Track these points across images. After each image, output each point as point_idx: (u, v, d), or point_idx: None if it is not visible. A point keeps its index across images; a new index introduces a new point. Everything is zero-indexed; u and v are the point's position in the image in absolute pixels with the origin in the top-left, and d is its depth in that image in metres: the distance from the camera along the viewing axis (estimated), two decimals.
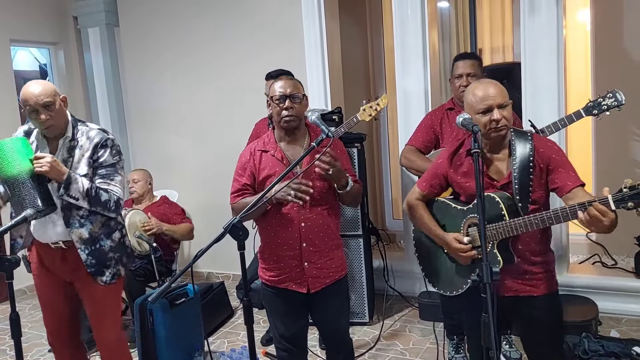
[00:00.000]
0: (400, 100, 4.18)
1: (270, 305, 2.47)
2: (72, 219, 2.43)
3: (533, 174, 2.06)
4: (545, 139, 2.15)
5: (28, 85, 2.37)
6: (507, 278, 2.13)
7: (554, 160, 2.06)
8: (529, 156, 2.06)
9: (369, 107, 3.27)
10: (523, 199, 2.05)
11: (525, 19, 3.68)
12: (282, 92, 2.27)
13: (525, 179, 2.05)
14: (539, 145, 2.09)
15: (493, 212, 2.04)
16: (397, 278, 4.34)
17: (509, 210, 2.03)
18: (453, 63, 3.14)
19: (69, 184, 2.34)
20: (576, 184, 2.01)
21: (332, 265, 2.39)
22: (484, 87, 2.07)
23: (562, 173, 2.04)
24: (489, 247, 2.07)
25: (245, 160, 2.38)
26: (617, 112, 2.75)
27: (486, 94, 2.05)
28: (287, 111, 2.27)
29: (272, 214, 2.31)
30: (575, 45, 4.62)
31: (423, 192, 2.33)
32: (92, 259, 2.47)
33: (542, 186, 2.08)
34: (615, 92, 2.69)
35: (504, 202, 2.04)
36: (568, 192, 2.01)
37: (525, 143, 2.08)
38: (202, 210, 4.94)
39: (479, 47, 4.99)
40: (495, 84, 2.09)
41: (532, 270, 2.14)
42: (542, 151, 2.07)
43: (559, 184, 2.04)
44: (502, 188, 2.11)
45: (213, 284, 4.19)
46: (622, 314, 3.68)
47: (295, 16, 4.42)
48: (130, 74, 5.39)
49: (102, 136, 2.48)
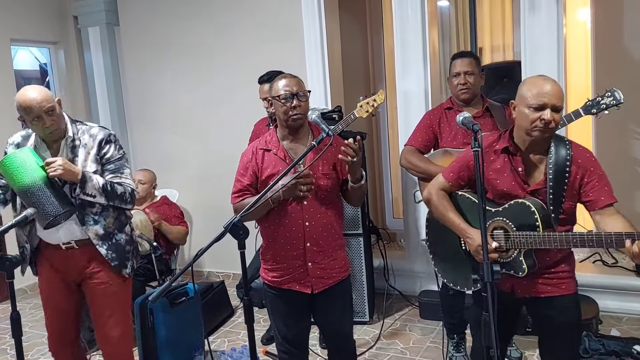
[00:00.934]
0: (400, 99, 4.18)
1: (272, 306, 2.45)
2: (87, 217, 2.44)
3: (567, 184, 2.00)
4: (584, 149, 2.07)
5: (25, 93, 2.34)
6: (528, 278, 2.09)
7: (591, 172, 2.00)
8: (565, 165, 1.99)
9: (366, 104, 3.26)
10: (556, 209, 2.00)
11: (525, 18, 3.68)
12: (289, 90, 2.24)
13: (559, 188, 1.99)
14: (577, 155, 2.02)
15: (525, 220, 1.99)
16: (397, 277, 4.34)
17: (543, 220, 1.97)
18: (451, 62, 3.14)
19: (85, 183, 2.37)
20: (610, 201, 1.96)
21: (336, 265, 2.37)
22: (542, 83, 1.97)
23: (597, 187, 1.98)
24: (515, 254, 2.04)
25: (247, 160, 2.36)
26: (617, 111, 2.75)
27: (544, 90, 1.94)
28: (296, 109, 2.25)
29: (275, 214, 2.29)
30: (575, 44, 4.61)
31: (449, 182, 2.24)
32: (113, 253, 2.50)
33: (574, 197, 2.03)
34: (614, 91, 2.68)
35: (539, 212, 1.97)
36: (601, 208, 1.96)
37: (563, 150, 2.01)
38: (202, 210, 4.95)
39: (479, 46, 4.99)
40: (555, 82, 1.99)
41: (552, 271, 2.10)
42: (580, 161, 2.00)
43: (593, 197, 1.98)
44: (532, 194, 2.06)
45: (213, 283, 4.19)
46: (623, 313, 3.69)
47: (295, 15, 4.42)
48: (131, 73, 5.39)
49: (105, 132, 2.52)
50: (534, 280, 2.10)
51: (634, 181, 4.20)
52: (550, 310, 2.12)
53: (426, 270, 4.15)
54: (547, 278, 2.10)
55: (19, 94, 2.36)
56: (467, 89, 3.02)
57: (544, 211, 2.00)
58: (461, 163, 2.25)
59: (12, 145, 2.53)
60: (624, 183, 4.21)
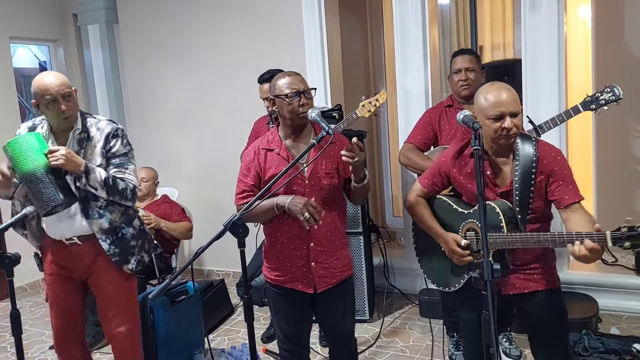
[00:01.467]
0: (400, 98, 4.17)
1: (275, 304, 2.45)
2: (91, 211, 2.44)
3: (534, 185, 2.05)
4: (551, 148, 2.11)
5: (45, 76, 2.37)
6: (509, 275, 2.15)
7: (556, 172, 2.05)
8: (532, 165, 2.04)
9: (368, 103, 3.26)
10: (522, 210, 2.06)
11: (526, 16, 3.68)
12: (296, 88, 2.22)
13: (525, 189, 2.05)
14: (543, 154, 2.06)
15: (492, 221, 2.04)
16: (397, 275, 4.34)
17: (508, 221, 2.03)
18: (451, 59, 3.14)
19: (88, 174, 2.36)
20: (574, 200, 2.01)
21: (339, 264, 2.37)
22: (497, 92, 2.02)
23: (562, 186, 2.03)
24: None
25: (250, 160, 2.34)
26: (617, 108, 2.75)
27: (499, 100, 2.00)
28: (304, 107, 2.23)
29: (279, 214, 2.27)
30: (576, 42, 4.61)
31: (424, 188, 2.33)
32: (115, 248, 2.49)
33: (542, 196, 2.08)
34: (613, 86, 2.69)
35: (504, 213, 2.04)
36: (566, 206, 2.02)
37: (529, 150, 2.06)
38: (201, 208, 4.94)
39: (480, 44, 4.99)
40: (508, 89, 2.04)
41: (532, 266, 2.15)
42: (546, 162, 2.05)
43: (558, 196, 2.04)
44: (502, 195, 2.11)
45: (213, 282, 4.19)
46: (623, 311, 3.68)
47: (296, 13, 4.41)
48: (130, 71, 5.38)
49: (112, 126, 2.51)
50: (515, 276, 2.15)
51: (634, 179, 4.19)
52: (534, 305, 2.16)
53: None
54: (528, 274, 2.15)
55: (37, 77, 2.39)
56: (467, 85, 3.03)
57: (510, 212, 2.06)
58: (435, 169, 2.33)
59: None
60: (624, 181, 4.21)
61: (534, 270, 2.15)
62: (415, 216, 2.37)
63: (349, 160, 2.12)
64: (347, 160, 2.12)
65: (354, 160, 2.12)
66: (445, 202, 2.29)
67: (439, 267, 2.33)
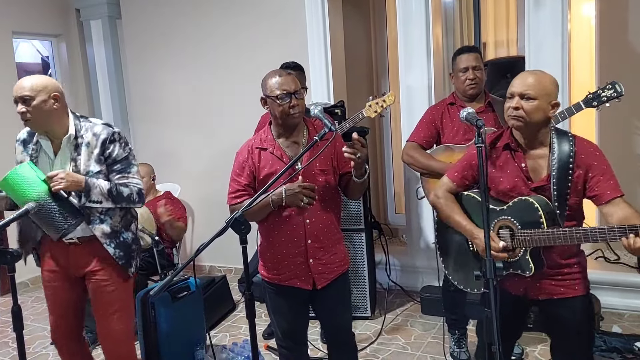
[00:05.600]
0: (403, 94, 4.16)
1: (273, 303, 2.45)
2: (93, 217, 2.43)
3: (571, 180, 1.98)
4: (588, 143, 2.06)
5: (22, 79, 2.37)
6: (540, 280, 2.08)
7: (594, 167, 1.98)
8: (569, 160, 1.98)
9: (375, 104, 3.26)
10: (561, 205, 1.99)
11: (529, 13, 3.66)
12: (287, 89, 2.21)
13: (563, 185, 1.98)
14: (580, 149, 2.00)
15: (530, 217, 1.98)
16: (399, 272, 4.34)
17: (548, 217, 1.96)
18: (454, 57, 3.11)
19: (89, 191, 2.35)
20: (616, 194, 1.95)
21: (336, 259, 2.37)
22: (519, 76, 2.04)
23: (602, 181, 1.96)
24: (521, 253, 2.02)
25: (243, 159, 2.32)
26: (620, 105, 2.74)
27: (515, 82, 2.03)
28: (294, 109, 2.22)
29: (275, 212, 2.27)
30: (580, 39, 4.59)
31: (454, 182, 2.23)
32: (120, 252, 2.49)
33: (578, 192, 2.01)
34: (614, 83, 2.68)
35: (543, 209, 1.96)
36: (607, 202, 1.95)
37: (565, 145, 2.00)
38: (203, 204, 4.94)
39: (483, 41, 4.96)
40: (531, 74, 2.03)
41: (564, 271, 2.08)
42: (583, 157, 1.99)
43: (598, 192, 1.97)
44: (536, 190, 2.04)
45: (215, 278, 4.19)
46: (625, 310, 3.68)
47: (298, 9, 4.40)
48: (133, 67, 5.38)
49: (108, 131, 2.46)
50: (546, 281, 2.09)
51: (637, 177, 4.18)
52: (564, 311, 2.09)
53: (428, 266, 4.14)
54: (560, 280, 2.08)
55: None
56: (475, 84, 3.00)
57: (549, 208, 1.98)
58: (464, 162, 2.24)
59: (18, 142, 2.50)
60: (627, 179, 4.16)
61: (566, 276, 2.08)
62: (443, 212, 2.24)
63: (351, 156, 2.11)
64: (350, 156, 2.11)
65: (357, 157, 2.11)
66: (474, 199, 2.18)
67: (465, 268, 2.24)
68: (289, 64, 3.48)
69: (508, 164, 2.08)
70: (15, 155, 2.51)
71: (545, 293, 2.10)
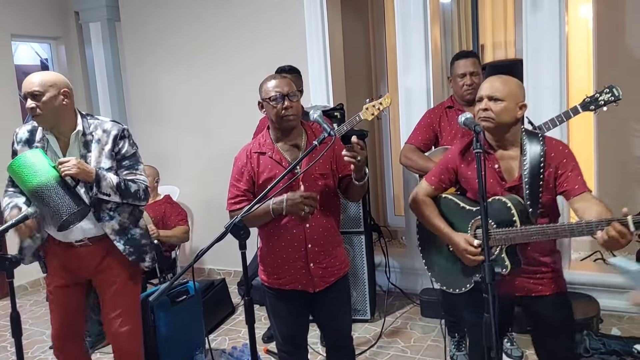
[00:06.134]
0: (402, 97, 4.17)
1: (273, 307, 2.44)
2: (103, 214, 2.45)
3: (543, 179, 2.05)
4: (557, 142, 2.14)
5: (32, 74, 2.38)
6: (518, 277, 2.14)
7: (564, 164, 2.06)
8: (540, 159, 2.05)
9: (372, 107, 3.27)
10: (533, 203, 2.05)
11: (527, 16, 3.67)
12: (280, 91, 2.21)
13: (535, 183, 2.05)
14: (550, 148, 2.08)
15: (504, 216, 2.03)
16: (398, 275, 4.34)
17: (521, 215, 2.02)
18: (452, 62, 3.12)
19: (99, 182, 2.35)
20: (584, 189, 2.02)
21: (336, 263, 2.38)
22: (489, 79, 2.14)
23: (571, 177, 2.04)
24: (497, 251, 2.07)
25: (242, 164, 2.32)
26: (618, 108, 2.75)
27: (483, 86, 2.13)
28: (288, 110, 2.22)
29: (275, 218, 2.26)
30: (577, 42, 4.60)
31: (431, 185, 2.30)
32: (130, 248, 2.51)
33: (550, 190, 2.08)
34: (612, 87, 2.69)
35: (516, 207, 2.02)
36: (576, 196, 2.01)
37: (536, 145, 2.08)
38: (203, 207, 4.94)
39: (481, 42, 4.97)
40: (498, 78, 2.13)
41: (541, 270, 2.14)
42: (553, 155, 2.07)
43: (567, 187, 2.04)
44: (510, 190, 2.11)
45: (214, 281, 4.19)
46: (624, 312, 3.68)
47: (298, 12, 4.40)
48: (132, 69, 5.38)
49: (119, 127, 2.50)
50: (524, 279, 2.15)
51: (635, 180, 4.18)
52: (543, 308, 2.16)
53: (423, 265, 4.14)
54: (538, 278, 2.15)
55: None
56: (473, 90, 3.01)
57: (521, 206, 2.05)
58: (441, 166, 2.31)
59: (20, 144, 2.48)
60: (626, 181, 4.20)
61: (543, 274, 2.14)
62: (421, 216, 2.33)
63: (351, 159, 2.12)
64: (350, 160, 2.12)
65: (357, 160, 2.12)
66: (452, 201, 2.26)
67: (446, 268, 2.30)
68: (284, 67, 3.48)
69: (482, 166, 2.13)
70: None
71: (523, 290, 2.17)
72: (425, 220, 2.31)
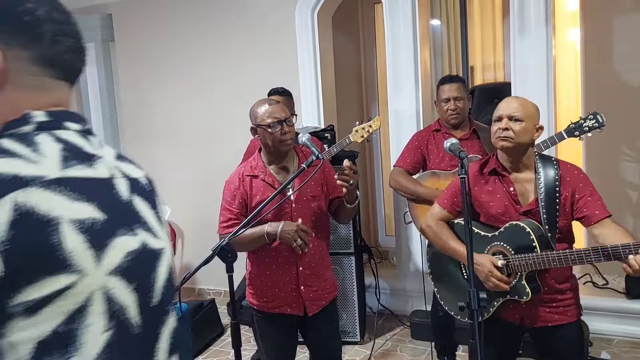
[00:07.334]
0: (392, 118, 4.20)
1: (262, 330, 2.43)
2: None
3: (559, 203, 2.01)
4: (572, 166, 2.10)
5: None
6: (534, 307, 2.09)
7: (581, 188, 2.02)
8: (555, 183, 2.02)
9: (362, 129, 3.30)
10: (551, 228, 2.01)
11: (515, 39, 3.72)
12: (278, 117, 2.23)
13: (552, 208, 2.01)
14: (565, 172, 2.05)
15: (523, 242, 2.00)
16: (389, 296, 4.33)
17: (540, 241, 1.98)
18: (438, 86, 3.16)
19: None
20: (605, 214, 1.97)
21: (327, 286, 2.38)
22: (505, 100, 2.13)
23: (590, 202, 2.00)
24: (517, 278, 2.03)
25: (235, 188, 2.32)
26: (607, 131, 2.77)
27: (501, 106, 2.10)
28: (285, 136, 2.24)
29: None
30: (565, 65, 4.65)
31: (444, 209, 2.25)
32: None
33: (567, 214, 2.04)
34: (596, 113, 2.72)
35: (535, 233, 1.98)
36: (596, 222, 1.97)
37: (550, 168, 2.05)
38: (194, 226, 4.93)
39: (471, 64, 5.03)
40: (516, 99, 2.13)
41: (558, 298, 2.10)
42: (569, 179, 2.03)
43: (587, 212, 1.99)
44: (525, 213, 2.06)
45: (203, 302, 4.16)
46: (613, 335, 3.67)
47: (289, 33, 4.45)
48: (125, 89, 5.39)
49: None
50: (542, 308, 2.10)
51: (624, 203, 4.21)
52: (558, 339, 2.11)
53: (418, 290, 4.12)
54: (555, 307, 2.10)
55: None
56: (457, 115, 3.05)
57: (540, 231, 2.01)
58: (452, 189, 2.27)
59: None
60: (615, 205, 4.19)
61: (559, 302, 2.10)
62: (437, 240, 2.25)
63: (343, 183, 2.13)
64: (342, 183, 2.13)
65: (349, 183, 2.13)
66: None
67: (458, 295, 2.22)
68: (277, 89, 3.51)
69: (497, 188, 2.11)
70: None
71: (541, 320, 2.11)
72: (441, 244, 2.23)
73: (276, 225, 2.18)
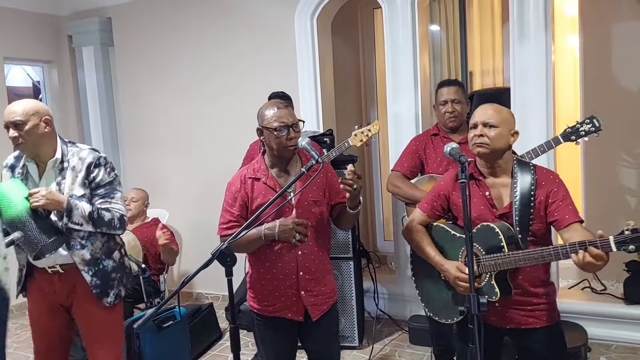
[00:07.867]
0: (391, 122, 4.21)
1: (261, 334, 2.43)
2: (74, 242, 2.42)
3: (534, 207, 2.06)
4: (548, 171, 2.16)
5: (13, 104, 2.39)
6: (508, 309, 2.12)
7: (554, 193, 2.06)
8: (530, 188, 2.06)
9: (360, 133, 3.30)
10: (523, 231, 2.05)
11: (514, 45, 3.73)
12: (286, 122, 2.22)
13: (525, 211, 2.05)
14: (541, 177, 2.10)
15: (492, 242, 2.03)
16: (387, 301, 4.33)
17: (509, 241, 2.02)
18: (436, 90, 3.17)
19: (71, 211, 2.34)
20: (575, 219, 2.01)
21: (327, 291, 2.37)
22: (482, 107, 2.16)
23: (561, 206, 2.04)
24: (487, 278, 2.06)
25: (236, 190, 2.32)
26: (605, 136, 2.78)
27: (476, 114, 2.14)
28: (292, 141, 2.24)
29: (266, 244, 2.26)
30: (564, 71, 4.67)
31: (424, 213, 2.30)
32: (97, 280, 2.46)
33: (541, 219, 2.08)
34: (592, 117, 2.73)
35: (504, 233, 2.03)
36: (566, 226, 2.02)
37: (527, 174, 2.10)
38: (192, 230, 4.93)
39: (470, 69, 5.04)
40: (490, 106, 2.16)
41: (532, 301, 2.12)
42: (544, 183, 2.08)
43: (558, 216, 2.04)
44: (501, 217, 2.11)
45: (202, 306, 4.15)
46: (612, 341, 3.68)
47: (288, 38, 4.46)
48: (124, 93, 5.40)
49: (94, 155, 2.47)
50: (515, 311, 2.13)
51: (622, 208, 4.21)
52: (533, 342, 2.13)
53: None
54: (529, 310, 2.12)
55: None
56: (455, 117, 3.06)
57: (510, 232, 2.05)
58: (433, 193, 2.33)
59: (5, 168, 2.51)
60: (613, 210, 4.22)
61: (534, 306, 2.12)
62: (413, 244, 2.32)
63: (347, 188, 2.13)
64: (346, 188, 2.13)
65: (353, 188, 2.13)
66: (442, 229, 2.26)
67: (439, 297, 2.28)
68: (278, 94, 3.51)
69: (473, 192, 2.15)
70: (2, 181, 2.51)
71: (513, 322, 2.14)
72: (417, 248, 2.31)
73: (273, 227, 2.18)
